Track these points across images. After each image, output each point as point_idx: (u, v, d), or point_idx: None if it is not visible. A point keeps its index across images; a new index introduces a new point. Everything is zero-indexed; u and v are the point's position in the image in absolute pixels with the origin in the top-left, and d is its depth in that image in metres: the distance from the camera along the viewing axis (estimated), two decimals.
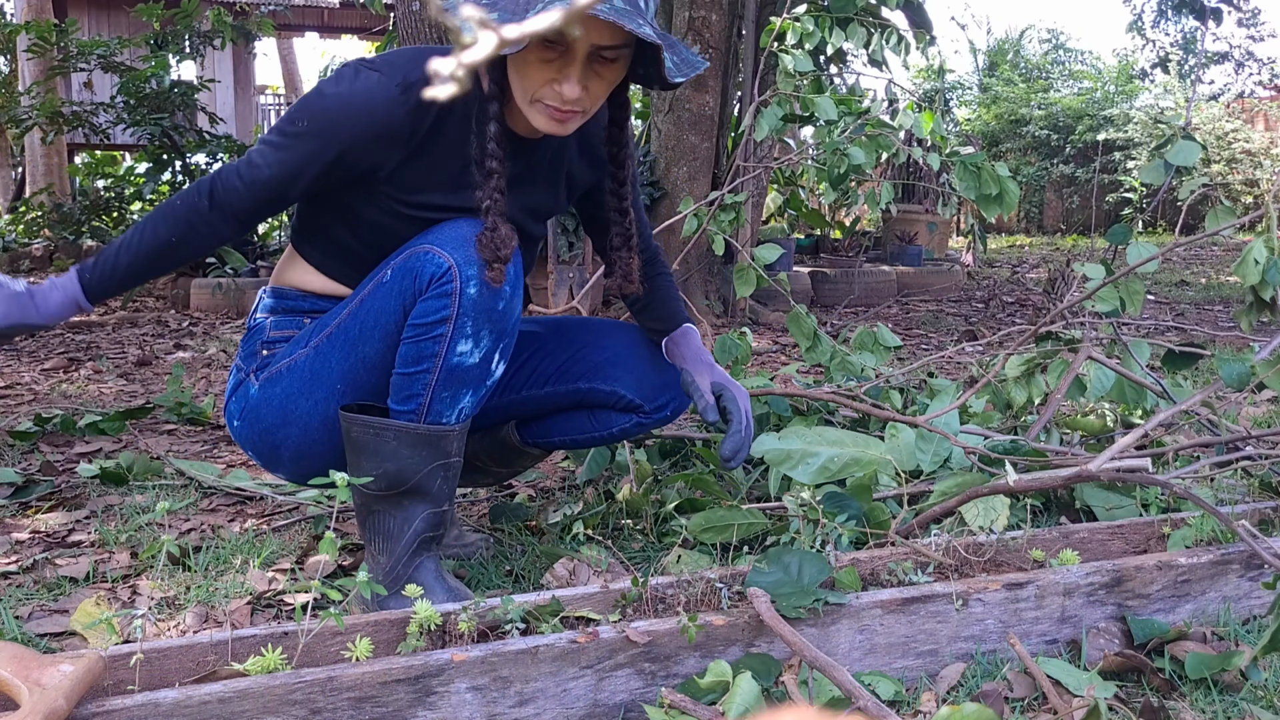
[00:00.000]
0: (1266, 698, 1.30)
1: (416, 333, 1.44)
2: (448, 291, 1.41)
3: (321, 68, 13.90)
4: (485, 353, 1.46)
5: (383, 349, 1.49)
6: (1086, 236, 12.52)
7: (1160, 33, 15.01)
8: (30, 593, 1.68)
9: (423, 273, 1.43)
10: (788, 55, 2.77)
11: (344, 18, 13.03)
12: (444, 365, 1.45)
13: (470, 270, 1.41)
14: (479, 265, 1.41)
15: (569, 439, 1.79)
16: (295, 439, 1.56)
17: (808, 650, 1.20)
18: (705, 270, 5.21)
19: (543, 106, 1.38)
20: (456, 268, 1.41)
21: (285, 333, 1.61)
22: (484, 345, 1.45)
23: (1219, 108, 13.51)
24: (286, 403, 1.55)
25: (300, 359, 1.54)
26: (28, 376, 3.82)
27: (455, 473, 1.54)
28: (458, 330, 1.43)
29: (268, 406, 1.56)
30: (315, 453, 1.56)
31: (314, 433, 1.55)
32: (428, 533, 1.53)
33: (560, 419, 1.77)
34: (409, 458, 1.48)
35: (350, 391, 1.52)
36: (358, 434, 1.49)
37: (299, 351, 1.55)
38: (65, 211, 8.26)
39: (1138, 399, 2.27)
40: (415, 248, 1.46)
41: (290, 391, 1.54)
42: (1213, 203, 13.01)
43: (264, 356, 1.60)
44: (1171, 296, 6.46)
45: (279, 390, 1.55)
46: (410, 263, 1.45)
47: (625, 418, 1.75)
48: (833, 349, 2.49)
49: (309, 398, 1.53)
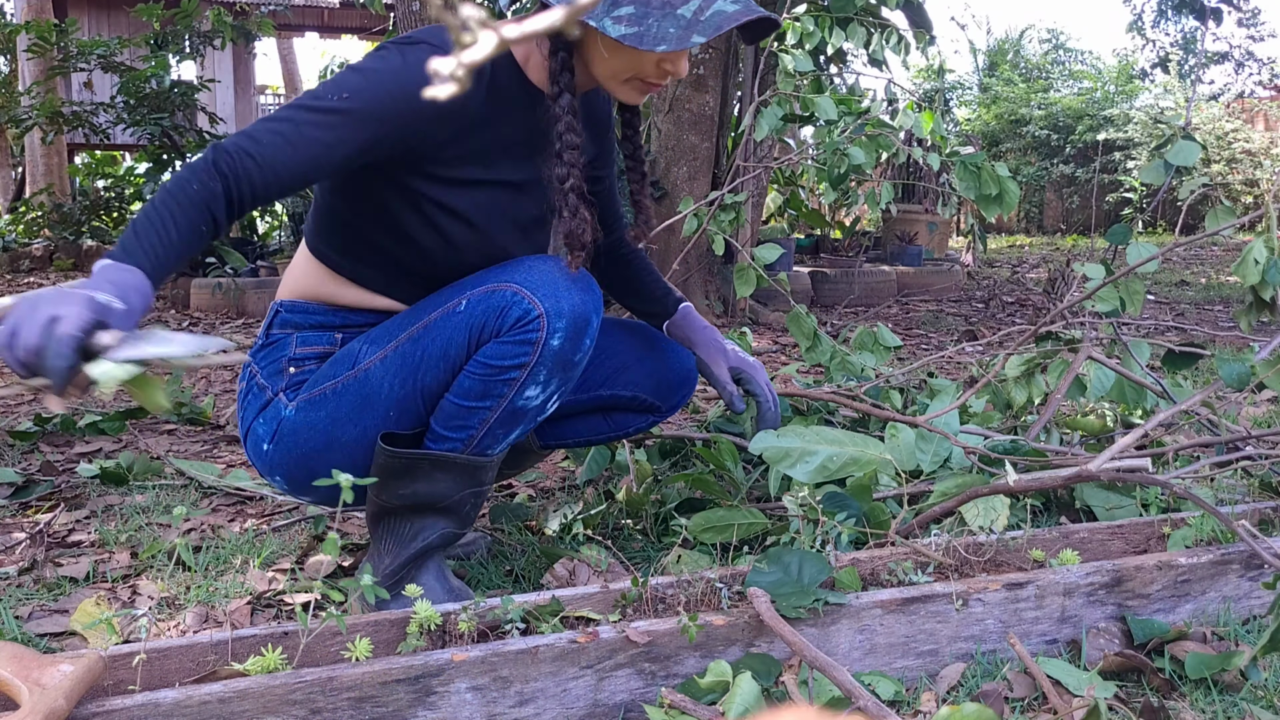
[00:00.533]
0: (1266, 698, 1.30)
1: (487, 372, 1.39)
2: (532, 340, 1.36)
3: (321, 67, 13.88)
4: (548, 396, 1.43)
5: (444, 379, 1.43)
6: (1086, 236, 12.52)
7: (1160, 33, 15.01)
8: (30, 593, 1.69)
9: (508, 314, 1.37)
10: (788, 55, 2.77)
11: (344, 18, 13.03)
12: (507, 407, 1.41)
13: (559, 323, 1.36)
14: (569, 320, 1.37)
15: (584, 439, 1.79)
16: (338, 464, 1.46)
17: (808, 650, 1.20)
18: (705, 270, 5.21)
19: (640, 84, 1.40)
20: (545, 318, 1.36)
21: (315, 349, 1.53)
22: (550, 390, 1.42)
23: (1219, 108, 13.51)
24: (333, 428, 1.46)
25: (348, 381, 1.46)
26: None
27: (483, 498, 1.52)
28: (531, 377, 1.39)
29: (310, 431, 1.47)
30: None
31: (358, 458, 1.47)
32: (438, 545, 1.53)
33: (576, 421, 1.76)
34: (443, 482, 1.46)
35: (401, 419, 1.45)
36: (389, 462, 1.44)
37: (345, 373, 1.47)
38: (65, 211, 8.26)
39: (1138, 399, 2.27)
40: (499, 283, 1.40)
41: (337, 416, 1.45)
42: (1213, 202, 13.02)
43: (293, 375, 1.51)
44: (1171, 296, 6.46)
45: (324, 414, 1.46)
46: (494, 299, 1.39)
47: (642, 418, 1.76)
48: (833, 349, 2.49)
49: (357, 424, 1.45)
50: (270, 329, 1.57)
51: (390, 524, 1.51)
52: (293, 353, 1.53)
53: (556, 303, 1.37)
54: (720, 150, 5.37)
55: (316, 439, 1.46)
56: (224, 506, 2.17)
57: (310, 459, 1.47)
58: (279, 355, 1.53)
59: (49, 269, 7.97)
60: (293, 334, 1.54)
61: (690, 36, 1.29)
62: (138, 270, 1.15)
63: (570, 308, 1.37)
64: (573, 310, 1.38)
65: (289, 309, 1.56)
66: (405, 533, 1.51)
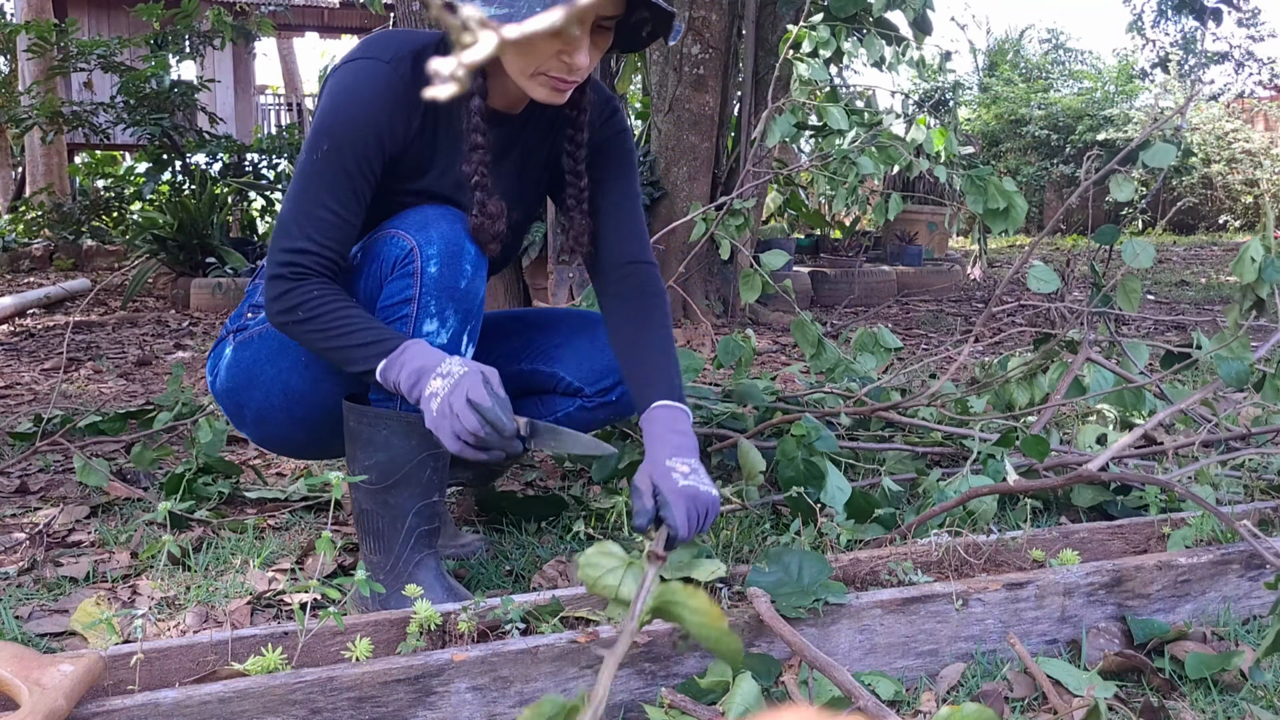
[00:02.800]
0: (1266, 698, 1.30)
1: (384, 315, 1.46)
2: (410, 272, 1.44)
3: (321, 67, 13.87)
4: (453, 333, 1.46)
5: None
6: (1086, 236, 12.52)
7: (1160, 33, 15.02)
8: (30, 593, 1.69)
9: (387, 256, 1.46)
10: (803, 64, 2.77)
11: (344, 18, 13.04)
12: None
13: (430, 250, 1.44)
14: (440, 245, 1.44)
15: None
16: (257, 403, 1.61)
17: (808, 650, 1.20)
18: (705, 270, 5.21)
19: (545, 79, 1.38)
20: (417, 248, 1.44)
21: None
22: (450, 325, 1.46)
23: (1219, 108, 13.51)
24: (253, 367, 1.60)
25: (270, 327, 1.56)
26: (28, 376, 3.82)
27: (444, 463, 1.54)
28: (422, 310, 1.44)
29: (237, 367, 1.61)
30: (274, 419, 1.62)
31: (274, 399, 1.60)
32: (422, 526, 1.53)
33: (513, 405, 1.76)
34: (400, 447, 1.49)
35: (314, 365, 1.55)
36: (355, 423, 1.51)
37: None
38: (65, 211, 8.26)
39: (1136, 401, 2.27)
40: (380, 232, 1.49)
41: (258, 357, 1.59)
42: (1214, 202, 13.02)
43: (249, 319, 1.63)
44: (1171, 296, 6.46)
45: (249, 354, 1.60)
46: (376, 247, 1.48)
47: (568, 401, 1.74)
48: (838, 357, 2.48)
49: (274, 365, 1.58)
50: (254, 280, 1.69)
51: (368, 522, 1.54)
52: (255, 300, 1.64)
53: (426, 233, 1.44)
54: (720, 150, 5.37)
55: (240, 376, 1.62)
56: (224, 506, 2.16)
57: (237, 393, 1.63)
58: (245, 304, 1.67)
59: (49, 269, 7.97)
60: (260, 284, 1.65)
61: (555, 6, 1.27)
62: (399, 338, 1.39)
63: (439, 235, 1.44)
64: (442, 238, 1.44)
65: None
66: (382, 526, 1.52)
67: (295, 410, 1.60)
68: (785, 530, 1.78)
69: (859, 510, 1.76)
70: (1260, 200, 12.48)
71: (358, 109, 1.41)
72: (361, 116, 1.41)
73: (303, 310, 1.39)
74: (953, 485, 1.83)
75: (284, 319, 1.41)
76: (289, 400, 1.59)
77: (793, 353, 4.32)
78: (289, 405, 1.60)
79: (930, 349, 4.38)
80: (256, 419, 1.63)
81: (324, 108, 1.43)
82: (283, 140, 7.47)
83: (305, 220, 1.40)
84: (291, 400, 1.59)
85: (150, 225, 6.55)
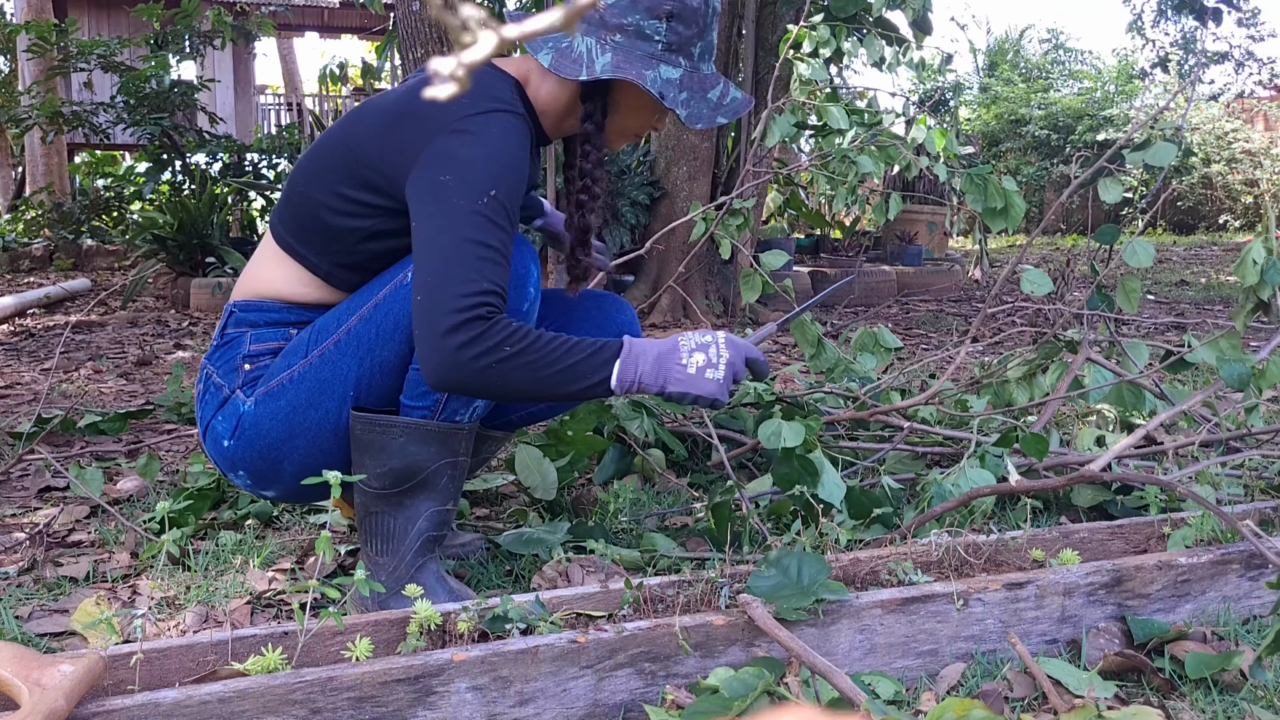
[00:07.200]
0: (1266, 698, 1.30)
1: None
2: None
3: (321, 67, 13.86)
4: None
5: (403, 351, 1.48)
6: (1086, 236, 12.52)
7: (1160, 33, 15.01)
8: (30, 593, 1.69)
9: None
10: (803, 63, 2.77)
11: (344, 18, 13.03)
12: None
13: None
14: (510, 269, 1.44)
15: (524, 413, 1.77)
16: (302, 452, 1.52)
17: (806, 654, 1.20)
18: (705, 270, 5.21)
19: (632, 137, 1.63)
20: None
21: (269, 345, 1.57)
22: None
23: (1219, 108, 13.51)
24: (294, 415, 1.50)
25: (304, 369, 1.51)
26: (28, 376, 3.82)
27: (462, 472, 1.54)
28: None
29: (270, 421, 1.51)
30: (323, 465, 1.51)
31: (324, 443, 1.51)
32: (432, 532, 1.53)
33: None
34: (417, 454, 1.48)
35: (364, 397, 1.51)
36: (363, 432, 1.49)
37: (299, 363, 1.51)
38: (65, 211, 8.26)
39: (1136, 400, 2.27)
40: None
41: (297, 404, 1.50)
42: (1213, 202, 13.02)
43: (248, 371, 1.55)
44: (1171, 296, 6.46)
45: (284, 404, 1.51)
46: None
47: None
48: (838, 358, 2.48)
49: (318, 408, 1.50)
50: (225, 330, 1.60)
51: (375, 524, 1.53)
52: (247, 349, 1.57)
53: None
54: (720, 150, 5.36)
55: (278, 429, 1.51)
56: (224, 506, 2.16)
57: (275, 449, 1.52)
58: (234, 354, 1.57)
59: (49, 268, 7.97)
60: (247, 332, 1.58)
61: (715, 117, 1.54)
62: (615, 340, 1.42)
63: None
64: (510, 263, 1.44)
65: (243, 308, 1.60)
66: (393, 528, 1.52)
67: (349, 446, 1.53)
68: (785, 531, 1.78)
69: (859, 509, 1.76)
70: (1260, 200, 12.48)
71: (516, 160, 1.43)
72: (519, 167, 1.44)
73: (509, 345, 1.33)
74: (951, 479, 1.83)
75: (487, 360, 1.32)
76: (341, 438, 1.52)
77: (793, 353, 4.32)
78: (341, 444, 1.52)
79: (930, 349, 4.38)
80: (299, 470, 1.52)
81: (482, 156, 1.41)
82: (282, 140, 7.47)
83: (480, 263, 1.36)
84: (344, 437, 1.52)
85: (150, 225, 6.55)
